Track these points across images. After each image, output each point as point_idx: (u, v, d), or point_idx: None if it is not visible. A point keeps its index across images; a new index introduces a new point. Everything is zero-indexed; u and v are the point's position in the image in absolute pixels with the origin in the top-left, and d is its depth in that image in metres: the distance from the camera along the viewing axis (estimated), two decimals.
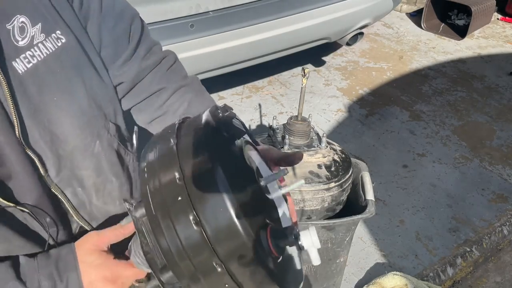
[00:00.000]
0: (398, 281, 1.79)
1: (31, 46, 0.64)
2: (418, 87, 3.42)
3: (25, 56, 0.63)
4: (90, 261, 0.64)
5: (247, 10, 2.36)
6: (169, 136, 0.53)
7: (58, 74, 0.67)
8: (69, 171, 0.72)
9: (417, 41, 4.14)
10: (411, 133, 2.89)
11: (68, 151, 0.71)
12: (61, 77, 0.68)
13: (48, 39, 0.66)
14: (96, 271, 0.64)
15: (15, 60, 0.62)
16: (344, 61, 3.77)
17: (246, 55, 2.57)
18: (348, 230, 1.46)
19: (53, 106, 0.67)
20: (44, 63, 0.65)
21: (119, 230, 0.66)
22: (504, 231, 2.22)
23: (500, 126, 2.98)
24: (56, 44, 0.67)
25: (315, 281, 1.61)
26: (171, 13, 2.11)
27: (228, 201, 0.47)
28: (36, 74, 0.64)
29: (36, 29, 0.64)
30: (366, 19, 2.99)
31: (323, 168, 1.40)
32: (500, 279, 2.02)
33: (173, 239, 0.47)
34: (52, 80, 0.66)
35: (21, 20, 0.62)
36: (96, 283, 0.64)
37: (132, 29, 0.83)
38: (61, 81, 0.68)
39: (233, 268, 0.47)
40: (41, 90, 0.65)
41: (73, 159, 0.72)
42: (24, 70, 0.63)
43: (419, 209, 2.30)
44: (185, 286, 0.49)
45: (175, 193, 0.48)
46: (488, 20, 4.43)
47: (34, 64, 0.64)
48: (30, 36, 0.63)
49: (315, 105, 3.15)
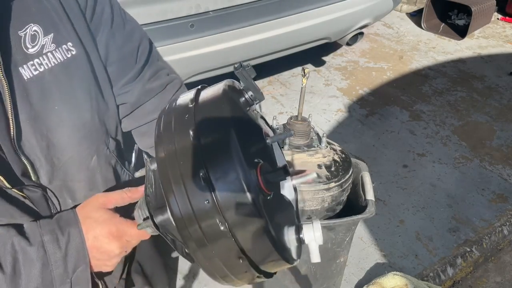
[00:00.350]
0: (398, 281, 1.79)
1: (40, 55, 0.65)
2: (418, 87, 3.42)
3: (32, 63, 0.65)
4: (96, 217, 0.66)
5: (247, 10, 2.36)
6: (187, 98, 0.57)
7: (64, 84, 0.69)
8: (61, 182, 0.74)
9: (417, 41, 4.14)
10: (411, 133, 2.89)
11: (63, 161, 0.72)
12: (66, 87, 0.70)
13: (59, 49, 0.68)
14: (101, 226, 0.65)
15: (22, 66, 0.64)
16: (344, 61, 3.77)
17: (246, 55, 2.57)
18: (348, 230, 1.46)
19: (54, 115, 0.68)
20: (50, 72, 0.67)
21: (126, 193, 0.68)
22: (504, 231, 2.22)
23: (500, 126, 2.98)
24: (66, 55, 0.69)
25: (315, 281, 1.61)
26: (171, 13, 2.10)
27: (238, 163, 0.49)
28: (41, 82, 0.66)
29: (48, 39, 0.66)
30: (366, 19, 2.99)
31: (323, 168, 1.40)
32: (500, 279, 2.02)
33: (181, 196, 0.50)
34: (56, 89, 0.68)
35: (34, 29, 0.65)
36: (101, 238, 0.65)
37: (140, 50, 0.84)
38: (65, 92, 0.70)
39: (236, 230, 0.50)
40: (43, 98, 0.66)
41: (67, 170, 0.73)
42: (29, 76, 0.64)
43: (419, 209, 2.30)
44: (182, 227, 0.51)
45: (188, 150, 0.51)
46: (488, 20, 4.42)
47: (40, 72, 0.66)
48: (41, 45, 0.66)
49: (315, 105, 3.14)
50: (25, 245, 0.61)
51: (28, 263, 0.60)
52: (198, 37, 2.22)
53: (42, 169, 0.70)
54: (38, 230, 0.63)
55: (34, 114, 0.66)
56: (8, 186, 0.65)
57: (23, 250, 0.60)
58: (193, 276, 1.92)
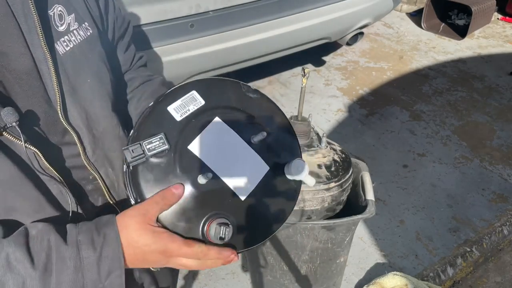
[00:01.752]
0: (398, 281, 1.79)
1: (68, 32, 0.71)
2: (418, 87, 3.42)
3: (63, 40, 0.70)
4: (142, 242, 0.62)
5: (247, 10, 2.36)
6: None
7: (90, 59, 0.75)
8: (102, 151, 0.77)
9: (417, 41, 4.14)
10: (411, 133, 2.89)
11: (100, 132, 0.77)
12: (92, 62, 0.76)
13: (81, 27, 0.74)
14: (150, 250, 0.62)
15: (56, 43, 0.68)
16: (344, 61, 3.77)
17: (246, 55, 2.57)
18: (348, 230, 1.46)
19: (87, 87, 0.73)
20: (79, 47, 0.72)
21: (163, 200, 0.64)
22: (504, 231, 2.22)
23: (500, 126, 2.98)
24: (86, 34, 0.75)
25: (315, 281, 1.61)
26: (171, 13, 2.10)
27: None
28: (73, 56, 0.71)
29: (71, 18, 0.72)
30: (366, 19, 2.99)
31: (323, 168, 1.40)
32: (500, 279, 2.02)
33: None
34: (85, 63, 0.74)
35: (59, 9, 0.70)
36: (149, 255, 0.62)
37: (127, 26, 0.95)
38: (92, 66, 0.76)
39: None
40: (77, 72, 0.71)
41: (104, 140, 0.78)
42: (63, 52, 0.69)
43: (419, 209, 2.30)
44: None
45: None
46: (488, 20, 4.42)
47: (71, 48, 0.71)
48: (67, 23, 0.71)
49: (315, 105, 3.14)
50: (60, 243, 0.59)
51: (61, 262, 0.58)
52: (198, 37, 2.22)
53: (85, 140, 0.73)
54: (75, 230, 0.61)
55: (71, 86, 0.70)
56: (47, 165, 0.65)
57: (57, 249, 0.58)
58: (193, 276, 1.92)
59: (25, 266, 0.56)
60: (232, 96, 0.70)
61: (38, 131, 0.67)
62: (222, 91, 0.70)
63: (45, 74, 0.66)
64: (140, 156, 0.63)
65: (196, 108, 0.67)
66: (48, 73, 0.66)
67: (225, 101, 0.69)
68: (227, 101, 0.69)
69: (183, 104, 0.67)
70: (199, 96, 0.68)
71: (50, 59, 0.65)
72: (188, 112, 0.67)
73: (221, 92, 0.69)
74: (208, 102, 0.68)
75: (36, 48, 0.64)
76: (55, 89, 0.66)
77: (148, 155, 0.63)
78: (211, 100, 0.68)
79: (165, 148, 0.63)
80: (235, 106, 0.70)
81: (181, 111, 0.67)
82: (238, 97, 0.70)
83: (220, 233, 0.62)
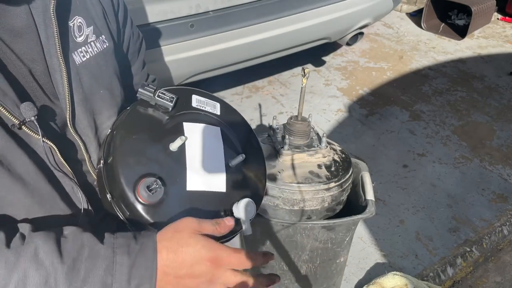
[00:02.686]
0: (398, 281, 1.79)
1: (86, 43, 0.74)
2: (418, 87, 3.42)
3: (81, 50, 0.73)
4: (193, 244, 0.61)
5: (247, 10, 2.36)
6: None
7: (104, 71, 0.78)
8: None
9: (417, 41, 4.14)
10: (411, 133, 2.89)
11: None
12: (106, 74, 0.79)
13: (98, 40, 0.77)
14: (199, 253, 0.61)
15: (73, 53, 0.72)
16: (344, 61, 3.77)
17: (246, 55, 2.57)
18: (348, 230, 1.46)
19: (99, 98, 0.76)
20: (94, 59, 0.75)
21: (217, 228, 0.64)
22: (504, 231, 2.22)
23: (500, 126, 2.98)
24: (103, 46, 0.78)
25: (315, 281, 1.61)
26: (171, 13, 2.10)
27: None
28: (88, 67, 0.74)
29: (90, 30, 0.75)
30: (366, 19, 2.99)
31: (323, 168, 1.40)
32: (500, 279, 2.02)
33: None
34: (99, 74, 0.76)
35: (79, 21, 0.73)
36: (197, 266, 0.60)
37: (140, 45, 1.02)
38: (105, 77, 0.78)
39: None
40: (91, 82, 0.74)
41: None
42: (80, 62, 0.72)
43: (419, 209, 2.30)
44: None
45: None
46: (488, 20, 4.42)
47: (87, 59, 0.74)
48: (85, 34, 0.74)
49: (315, 105, 3.15)
50: (95, 242, 0.58)
51: (91, 262, 0.56)
52: (198, 37, 2.22)
53: (92, 147, 0.76)
54: (112, 234, 0.60)
55: (84, 96, 0.73)
56: (62, 161, 0.68)
57: (91, 247, 0.57)
58: None
59: (53, 260, 0.55)
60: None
61: (54, 127, 0.70)
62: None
63: (58, 83, 0.68)
64: (152, 95, 0.73)
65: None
66: (61, 82, 0.68)
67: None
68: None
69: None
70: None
71: (65, 69, 0.68)
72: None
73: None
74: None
75: (52, 57, 0.67)
76: (66, 98, 0.69)
77: (155, 96, 0.73)
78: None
79: (171, 103, 0.73)
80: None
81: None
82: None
83: (149, 184, 0.65)
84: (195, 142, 0.73)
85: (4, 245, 0.55)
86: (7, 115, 0.60)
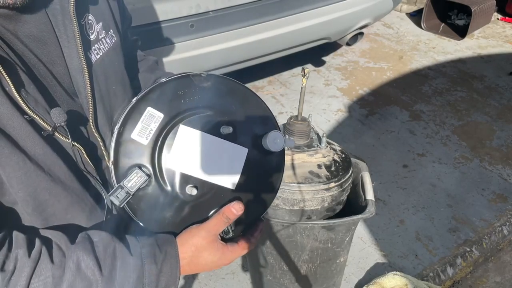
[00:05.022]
0: (398, 281, 1.79)
1: (98, 40, 0.73)
2: (418, 87, 3.42)
3: (94, 48, 0.72)
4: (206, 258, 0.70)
5: (247, 10, 2.36)
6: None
7: (116, 66, 0.78)
8: None
9: (417, 41, 4.14)
10: (411, 133, 2.89)
11: None
12: (118, 69, 0.79)
13: (107, 35, 0.75)
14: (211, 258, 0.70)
15: (88, 52, 0.70)
16: (344, 61, 3.77)
17: (246, 55, 2.57)
18: (348, 230, 1.46)
19: (112, 94, 0.76)
20: (107, 55, 0.75)
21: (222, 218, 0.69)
22: (504, 231, 2.22)
23: (500, 126, 2.98)
24: (112, 41, 0.77)
25: (315, 281, 1.61)
26: (171, 13, 2.10)
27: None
28: (103, 64, 0.73)
29: (99, 27, 0.74)
30: (366, 19, 2.99)
31: (323, 168, 1.40)
32: (500, 279, 2.02)
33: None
34: (112, 71, 0.76)
35: (90, 18, 0.72)
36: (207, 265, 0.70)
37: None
38: (118, 72, 0.78)
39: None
40: (106, 79, 0.74)
41: None
42: (95, 60, 0.71)
43: (419, 209, 2.30)
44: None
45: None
46: (488, 20, 4.42)
47: (101, 56, 0.73)
48: (96, 31, 0.73)
49: (315, 105, 3.15)
50: (126, 253, 0.63)
51: (124, 271, 0.62)
52: (198, 37, 2.22)
53: (109, 145, 0.76)
54: (138, 243, 0.65)
55: (101, 94, 0.72)
56: (89, 163, 0.69)
57: (123, 258, 0.62)
58: (193, 276, 1.92)
59: (94, 271, 0.60)
60: (186, 95, 0.68)
61: (79, 129, 0.71)
62: (175, 94, 0.68)
63: (79, 83, 0.67)
64: (126, 196, 0.65)
65: (157, 124, 0.66)
66: (83, 82, 0.67)
67: (182, 104, 0.68)
68: (183, 104, 0.68)
69: (144, 126, 0.66)
70: (155, 111, 0.66)
71: (86, 69, 0.67)
72: (152, 131, 0.66)
73: (174, 96, 0.67)
74: (167, 113, 0.66)
75: (73, 58, 0.66)
76: (89, 98, 0.69)
77: (132, 191, 0.64)
78: (170, 109, 0.67)
79: (145, 179, 0.64)
80: (193, 105, 0.68)
81: (145, 134, 0.66)
82: (193, 94, 0.69)
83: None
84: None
85: (49, 261, 0.58)
86: (41, 122, 0.61)
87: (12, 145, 0.57)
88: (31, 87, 0.60)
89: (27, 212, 0.63)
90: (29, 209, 0.62)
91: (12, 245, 0.57)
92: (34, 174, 0.60)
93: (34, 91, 0.60)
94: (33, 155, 0.60)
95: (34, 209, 0.62)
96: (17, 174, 0.58)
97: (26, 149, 0.59)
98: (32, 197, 0.61)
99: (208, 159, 0.68)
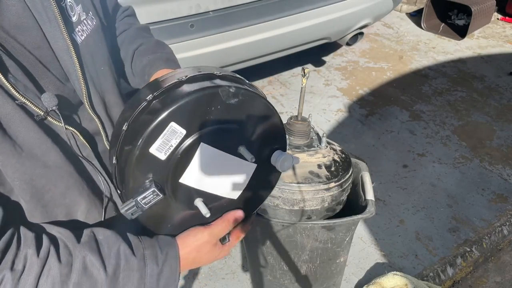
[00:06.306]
0: (398, 281, 1.79)
1: (80, 22, 0.72)
2: (418, 87, 3.42)
3: (78, 30, 0.71)
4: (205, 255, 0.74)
5: (247, 10, 2.36)
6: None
7: (100, 47, 0.77)
8: None
9: (417, 41, 4.14)
10: (411, 133, 2.89)
11: (115, 118, 0.79)
12: (103, 50, 0.78)
13: (88, 17, 0.75)
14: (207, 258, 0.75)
15: (72, 33, 0.69)
16: (344, 61, 3.77)
17: (246, 55, 2.57)
18: (348, 230, 1.46)
19: (101, 75, 0.75)
20: (90, 36, 0.73)
21: (227, 224, 0.74)
22: (504, 231, 2.22)
23: (500, 126, 2.98)
24: (93, 23, 0.75)
25: (315, 281, 1.61)
26: (171, 13, 2.11)
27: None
28: (88, 46, 0.72)
29: (79, 9, 0.72)
30: (366, 19, 2.99)
31: (323, 168, 1.40)
32: (500, 279, 2.02)
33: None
34: (97, 52, 0.75)
35: (69, 0, 0.70)
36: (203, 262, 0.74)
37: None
38: (103, 54, 0.78)
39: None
40: (93, 60, 0.73)
41: None
42: (80, 41, 0.70)
43: (419, 209, 2.30)
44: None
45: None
46: (488, 20, 4.43)
47: (85, 37, 0.72)
48: (77, 13, 0.72)
49: (315, 105, 3.15)
50: (129, 254, 0.65)
51: (128, 271, 0.64)
52: (198, 37, 2.22)
53: (107, 126, 0.76)
54: (140, 244, 0.67)
55: (91, 75, 0.72)
56: (87, 146, 0.70)
57: (127, 258, 0.64)
58: (193, 276, 1.92)
59: (99, 270, 0.61)
60: (212, 112, 0.65)
61: (72, 111, 0.70)
62: (202, 110, 0.65)
63: (68, 65, 0.66)
64: (139, 211, 0.65)
65: (178, 141, 0.63)
66: (72, 63, 0.66)
67: (206, 121, 0.65)
68: (208, 122, 0.65)
69: (164, 141, 0.63)
70: (178, 127, 0.63)
71: (72, 48, 0.66)
72: (172, 148, 0.63)
73: (201, 113, 0.64)
74: (190, 129, 0.64)
75: (57, 40, 0.64)
76: (80, 78, 0.68)
77: (145, 208, 0.65)
78: (192, 126, 0.64)
79: (160, 198, 0.64)
80: (216, 122, 0.66)
81: (164, 149, 0.63)
82: (219, 110, 0.66)
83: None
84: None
85: (57, 260, 0.59)
86: (33, 107, 0.61)
87: (4, 132, 0.57)
88: (19, 74, 0.60)
89: (25, 200, 0.63)
90: (27, 197, 0.63)
91: (21, 243, 0.58)
92: (28, 161, 0.60)
93: (22, 77, 0.60)
94: (27, 141, 0.60)
95: (32, 196, 0.63)
96: (11, 161, 0.59)
97: (20, 135, 0.59)
98: (29, 185, 0.62)
99: (222, 175, 0.70)
